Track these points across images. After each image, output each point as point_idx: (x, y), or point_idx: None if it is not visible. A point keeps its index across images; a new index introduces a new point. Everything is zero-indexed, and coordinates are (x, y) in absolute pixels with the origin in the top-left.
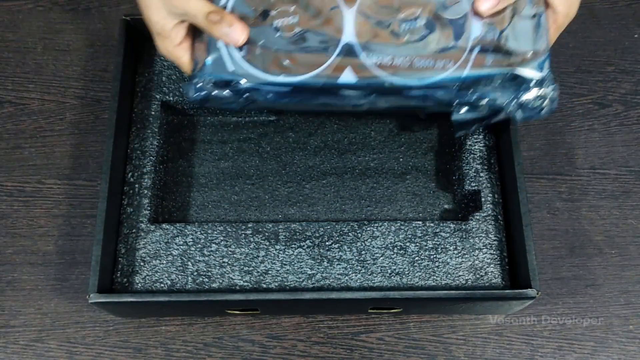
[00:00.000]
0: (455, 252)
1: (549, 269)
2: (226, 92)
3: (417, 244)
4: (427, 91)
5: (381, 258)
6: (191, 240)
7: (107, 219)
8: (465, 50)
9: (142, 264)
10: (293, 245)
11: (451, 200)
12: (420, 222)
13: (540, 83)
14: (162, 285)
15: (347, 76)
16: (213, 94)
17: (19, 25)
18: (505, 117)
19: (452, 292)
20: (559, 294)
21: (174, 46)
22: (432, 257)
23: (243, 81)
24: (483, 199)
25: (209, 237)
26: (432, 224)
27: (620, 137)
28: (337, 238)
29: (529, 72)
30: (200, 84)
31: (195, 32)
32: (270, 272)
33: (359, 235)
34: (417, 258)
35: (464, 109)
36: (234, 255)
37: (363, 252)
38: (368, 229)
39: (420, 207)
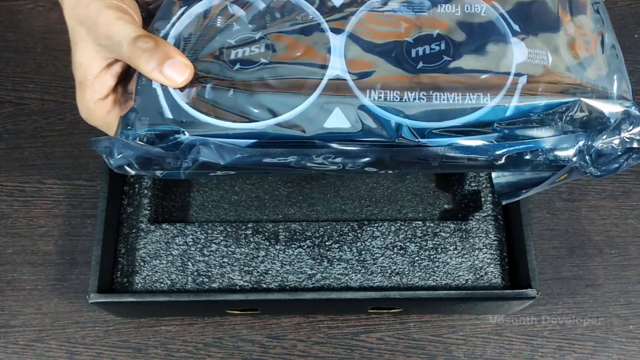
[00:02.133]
0: (455, 252)
1: (549, 269)
2: (162, 151)
3: (417, 244)
4: (454, 140)
5: (381, 258)
6: (191, 240)
7: (107, 219)
8: (509, 75)
9: (142, 264)
10: (293, 245)
11: (451, 200)
12: (420, 222)
13: (623, 120)
14: (162, 285)
15: (336, 120)
16: (143, 154)
17: (19, 25)
18: (575, 177)
19: (452, 292)
20: (559, 294)
21: (96, 100)
22: (432, 257)
23: (185, 133)
24: (483, 199)
25: (209, 237)
26: (432, 224)
27: None
28: (337, 238)
29: (603, 105)
30: (125, 143)
31: (128, 84)
32: (270, 272)
33: (359, 235)
34: (417, 258)
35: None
36: (234, 255)
37: (363, 252)
38: (368, 229)
39: (420, 207)
